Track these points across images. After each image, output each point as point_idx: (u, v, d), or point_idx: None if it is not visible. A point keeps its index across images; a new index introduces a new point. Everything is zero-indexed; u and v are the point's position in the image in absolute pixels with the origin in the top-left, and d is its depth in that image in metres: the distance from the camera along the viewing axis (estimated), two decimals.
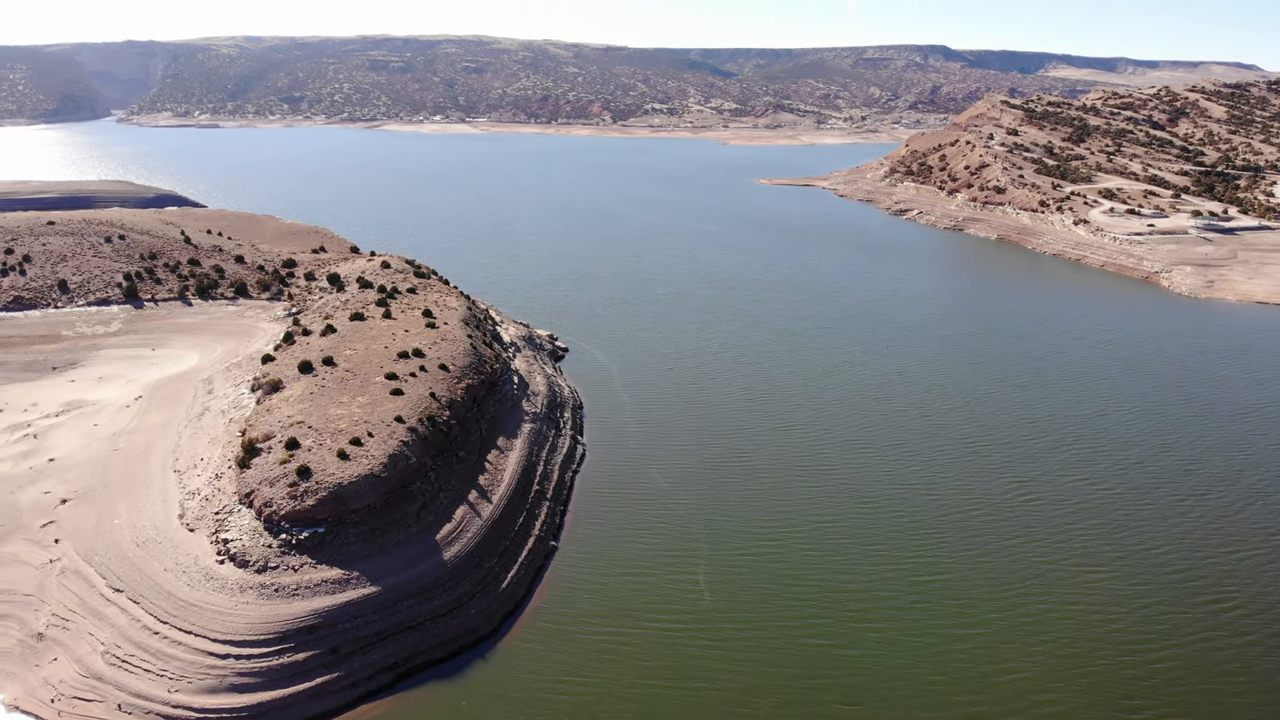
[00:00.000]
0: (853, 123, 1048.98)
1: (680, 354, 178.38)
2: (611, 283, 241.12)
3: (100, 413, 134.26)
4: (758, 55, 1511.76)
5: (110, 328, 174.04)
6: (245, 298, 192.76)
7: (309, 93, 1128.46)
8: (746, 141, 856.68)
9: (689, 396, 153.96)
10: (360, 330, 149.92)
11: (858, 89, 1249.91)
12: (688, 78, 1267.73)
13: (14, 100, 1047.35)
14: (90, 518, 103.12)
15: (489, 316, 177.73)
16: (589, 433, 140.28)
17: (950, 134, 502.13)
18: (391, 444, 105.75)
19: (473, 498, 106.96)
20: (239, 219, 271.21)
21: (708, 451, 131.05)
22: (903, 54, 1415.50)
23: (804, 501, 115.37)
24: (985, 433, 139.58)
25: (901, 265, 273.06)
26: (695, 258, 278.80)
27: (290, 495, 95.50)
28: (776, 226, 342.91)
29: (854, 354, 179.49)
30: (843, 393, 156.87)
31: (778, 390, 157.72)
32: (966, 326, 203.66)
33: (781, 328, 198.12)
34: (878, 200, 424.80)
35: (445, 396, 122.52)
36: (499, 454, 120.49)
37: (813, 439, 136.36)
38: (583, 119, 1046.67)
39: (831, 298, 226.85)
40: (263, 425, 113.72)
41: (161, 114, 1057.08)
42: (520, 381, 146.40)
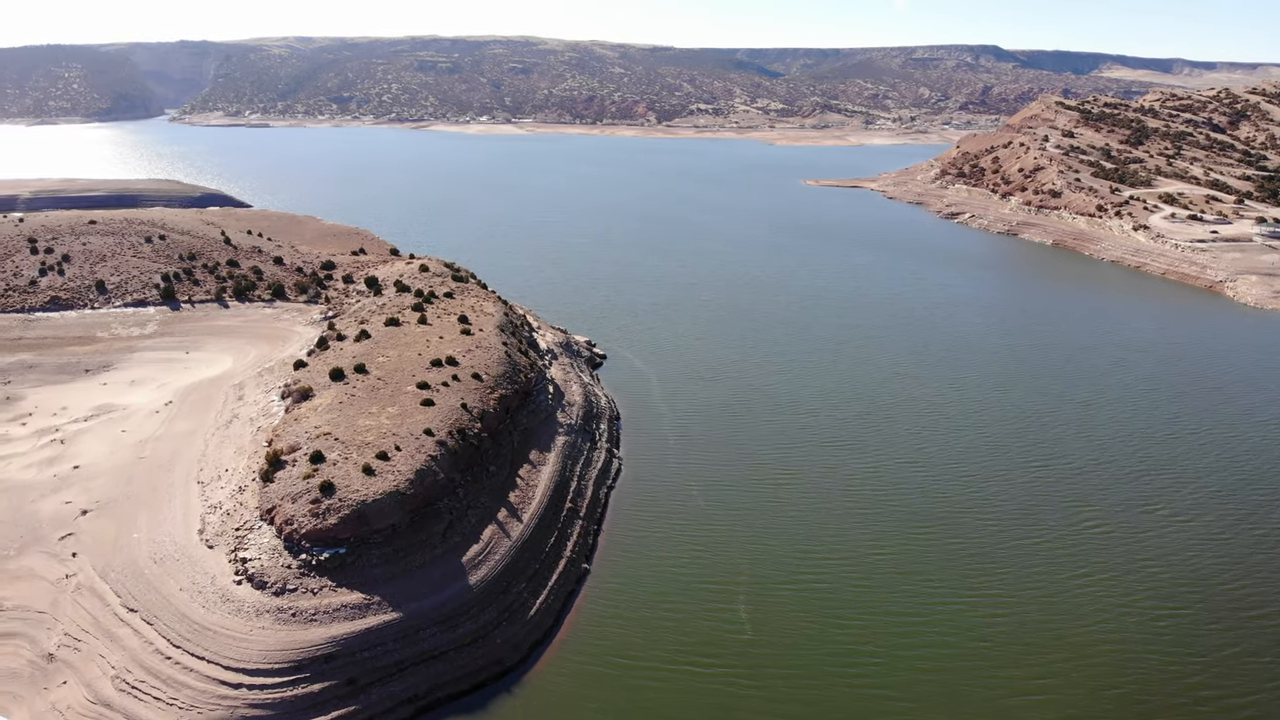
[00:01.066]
0: (901, 123, 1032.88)
1: (723, 363, 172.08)
2: (653, 287, 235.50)
3: (129, 418, 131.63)
4: (805, 55, 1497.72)
5: (146, 329, 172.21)
6: (282, 300, 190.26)
7: (358, 93, 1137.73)
8: (793, 142, 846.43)
9: (731, 409, 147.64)
10: (394, 336, 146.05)
11: (907, 89, 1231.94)
12: (734, 78, 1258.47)
13: (69, 99, 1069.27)
14: (110, 531, 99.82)
15: (526, 322, 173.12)
16: (625, 446, 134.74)
17: (1003, 135, 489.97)
18: (419, 459, 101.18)
19: (502, 516, 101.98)
20: (280, 220, 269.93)
21: (750, 469, 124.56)
22: (953, 54, 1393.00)
23: (854, 529, 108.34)
24: (1048, 456, 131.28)
25: (954, 271, 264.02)
26: (740, 261, 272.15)
27: (312, 513, 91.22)
28: (824, 229, 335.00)
29: (906, 365, 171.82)
30: (895, 407, 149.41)
31: (826, 404, 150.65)
32: (1024, 337, 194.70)
33: (830, 336, 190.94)
34: (928, 203, 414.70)
35: (477, 408, 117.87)
36: (531, 469, 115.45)
37: (863, 458, 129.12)
38: (627, 120, 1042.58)
39: (882, 305, 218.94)
40: (289, 436, 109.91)
41: (213, 113, 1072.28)
42: (555, 391, 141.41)
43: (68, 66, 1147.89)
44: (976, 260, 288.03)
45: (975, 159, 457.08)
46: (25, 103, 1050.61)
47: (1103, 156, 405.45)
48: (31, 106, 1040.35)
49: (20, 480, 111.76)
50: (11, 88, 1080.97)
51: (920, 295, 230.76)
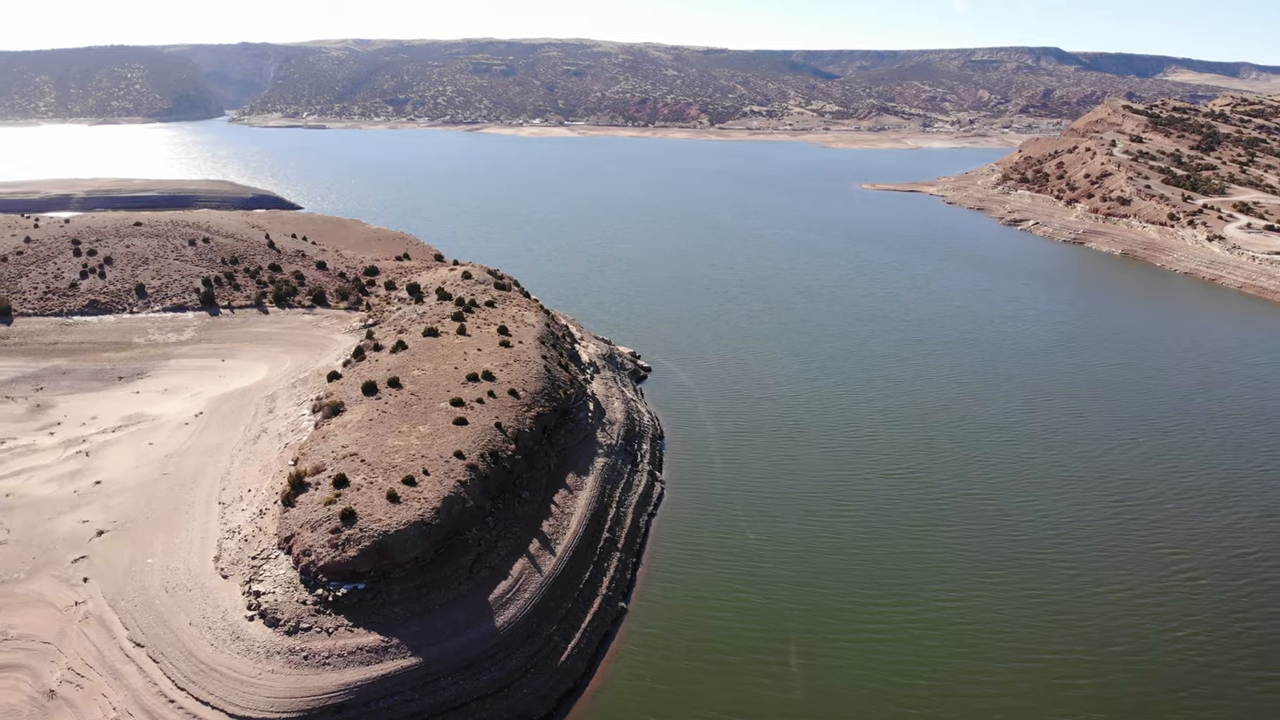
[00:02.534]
0: (960, 126, 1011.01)
1: (774, 379, 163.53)
2: (702, 295, 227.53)
3: (157, 430, 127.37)
4: (861, 57, 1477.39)
5: (183, 335, 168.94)
6: (323, 306, 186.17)
7: (413, 95, 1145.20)
8: (848, 145, 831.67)
9: (782, 430, 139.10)
10: (432, 347, 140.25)
11: (965, 91, 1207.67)
12: (788, 80, 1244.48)
13: (131, 99, 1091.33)
14: (124, 554, 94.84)
15: (568, 333, 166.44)
16: (668, 469, 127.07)
17: (1068, 140, 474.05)
18: (448, 484, 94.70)
19: (534, 548, 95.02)
20: (325, 223, 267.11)
21: (802, 499, 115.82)
22: (1013, 56, 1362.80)
23: (919, 572, 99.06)
24: (1129, 489, 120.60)
25: (1020, 282, 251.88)
26: (794, 269, 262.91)
27: (331, 543, 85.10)
28: (881, 235, 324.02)
29: (972, 385, 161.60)
30: (960, 432, 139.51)
31: (886, 427, 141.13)
32: (1096, 356, 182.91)
33: (889, 352, 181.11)
34: (990, 209, 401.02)
35: (512, 427, 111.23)
36: (567, 494, 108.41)
37: (927, 489, 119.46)
38: (679, 122, 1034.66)
39: (945, 318, 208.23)
40: (315, 455, 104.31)
41: (271, 114, 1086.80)
42: (596, 408, 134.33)
43: (130, 67, 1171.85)
44: (1042, 270, 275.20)
45: (1038, 164, 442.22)
46: (88, 102, 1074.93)
47: (1173, 163, 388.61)
48: (94, 106, 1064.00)
49: (40, 496, 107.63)
50: (75, 87, 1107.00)
51: (985, 308, 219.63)
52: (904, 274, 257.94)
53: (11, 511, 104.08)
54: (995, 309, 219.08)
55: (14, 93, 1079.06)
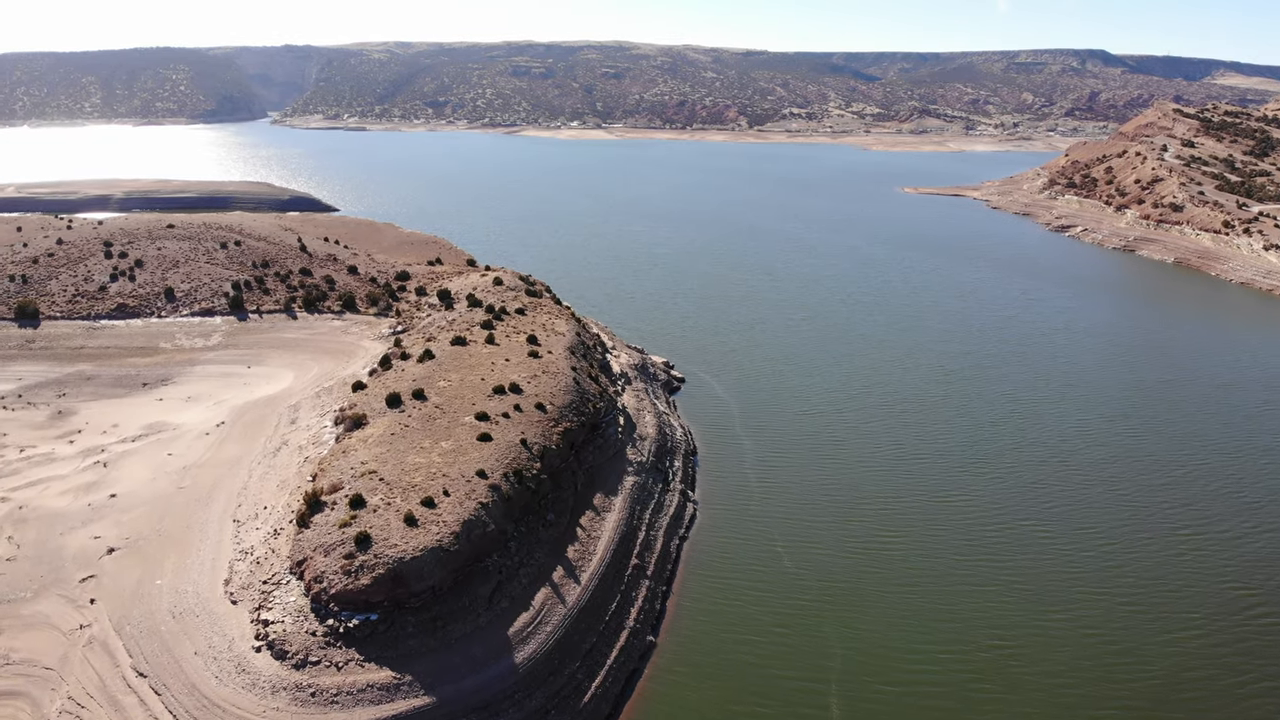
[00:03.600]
0: (1004, 129, 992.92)
1: (814, 392, 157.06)
2: (740, 303, 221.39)
3: (177, 440, 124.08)
4: (903, 59, 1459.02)
5: (210, 341, 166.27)
6: (352, 312, 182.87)
7: (453, 97, 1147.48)
8: (889, 147, 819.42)
9: (822, 448, 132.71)
10: (459, 357, 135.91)
11: (1009, 94, 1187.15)
12: (828, 81, 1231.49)
13: (175, 100, 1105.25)
14: (133, 574, 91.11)
15: (599, 342, 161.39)
16: (702, 487, 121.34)
17: (1116, 144, 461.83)
18: (468, 506, 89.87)
19: (558, 576, 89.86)
20: (359, 226, 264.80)
21: (844, 524, 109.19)
22: (1058, 58, 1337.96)
23: (970, 608, 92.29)
24: (1195, 520, 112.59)
25: (1070, 291, 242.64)
26: (834, 275, 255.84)
27: (344, 570, 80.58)
28: (924, 241, 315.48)
29: (1023, 401, 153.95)
30: (1012, 454, 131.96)
31: (933, 447, 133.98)
32: (1154, 371, 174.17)
33: (935, 365, 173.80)
34: (1036, 214, 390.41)
35: (538, 444, 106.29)
36: (594, 516, 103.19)
37: (978, 517, 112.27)
38: (718, 124, 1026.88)
39: (993, 329, 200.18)
40: (333, 472, 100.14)
41: (313, 116, 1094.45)
42: (627, 422, 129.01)
43: (175, 69, 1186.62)
44: (1092, 279, 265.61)
45: (1086, 168, 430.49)
46: (134, 103, 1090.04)
47: (1226, 169, 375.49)
48: (139, 107, 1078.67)
49: (53, 509, 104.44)
50: (121, 88, 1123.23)
51: (1034, 319, 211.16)
52: (949, 281, 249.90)
53: (24, 525, 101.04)
54: (1045, 319, 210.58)
55: (61, 94, 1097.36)
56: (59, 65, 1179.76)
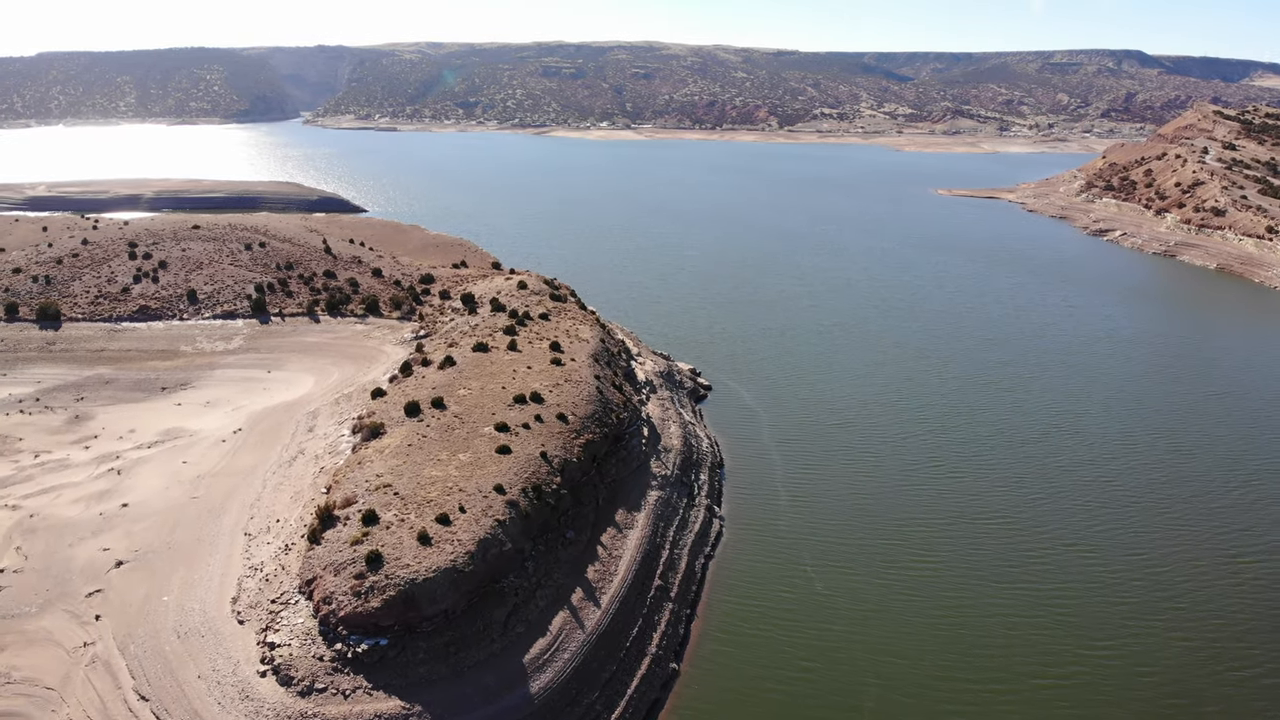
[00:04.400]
0: (1039, 130, 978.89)
1: (846, 402, 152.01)
2: (769, 308, 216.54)
3: (193, 447, 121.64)
4: (935, 59, 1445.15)
5: (231, 344, 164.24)
6: (375, 316, 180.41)
7: (483, 98, 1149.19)
8: (922, 148, 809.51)
9: (855, 462, 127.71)
10: (480, 364, 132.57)
11: (1044, 95, 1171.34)
12: (860, 82, 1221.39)
13: (209, 100, 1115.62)
14: (140, 590, 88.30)
15: (624, 349, 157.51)
16: (728, 503, 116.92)
17: (1155, 146, 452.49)
18: (485, 524, 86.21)
19: (577, 599, 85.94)
20: (384, 228, 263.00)
21: (879, 546, 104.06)
22: (1093, 59, 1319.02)
23: (1012, 638, 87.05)
24: (1249, 544, 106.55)
25: (1110, 298, 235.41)
26: (867, 280, 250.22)
27: (354, 591, 77.17)
28: (959, 244, 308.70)
29: (1064, 415, 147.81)
30: (1055, 470, 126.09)
31: (972, 462, 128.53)
32: (1201, 383, 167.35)
33: (972, 375, 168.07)
34: (1073, 217, 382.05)
35: (559, 457, 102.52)
36: (616, 534, 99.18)
37: (1020, 539, 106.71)
38: (748, 124, 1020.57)
39: (1031, 338, 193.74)
40: (348, 484, 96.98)
41: (344, 116, 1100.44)
42: (651, 433, 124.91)
43: (210, 69, 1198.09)
44: (1132, 285, 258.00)
45: (1124, 171, 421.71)
46: (168, 103, 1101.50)
47: (1269, 172, 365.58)
48: (174, 107, 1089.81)
49: (64, 518, 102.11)
50: (156, 88, 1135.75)
51: (1075, 327, 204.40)
52: (986, 286, 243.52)
53: (33, 535, 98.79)
54: (1085, 328, 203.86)
55: (96, 93, 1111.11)
56: (95, 64, 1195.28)
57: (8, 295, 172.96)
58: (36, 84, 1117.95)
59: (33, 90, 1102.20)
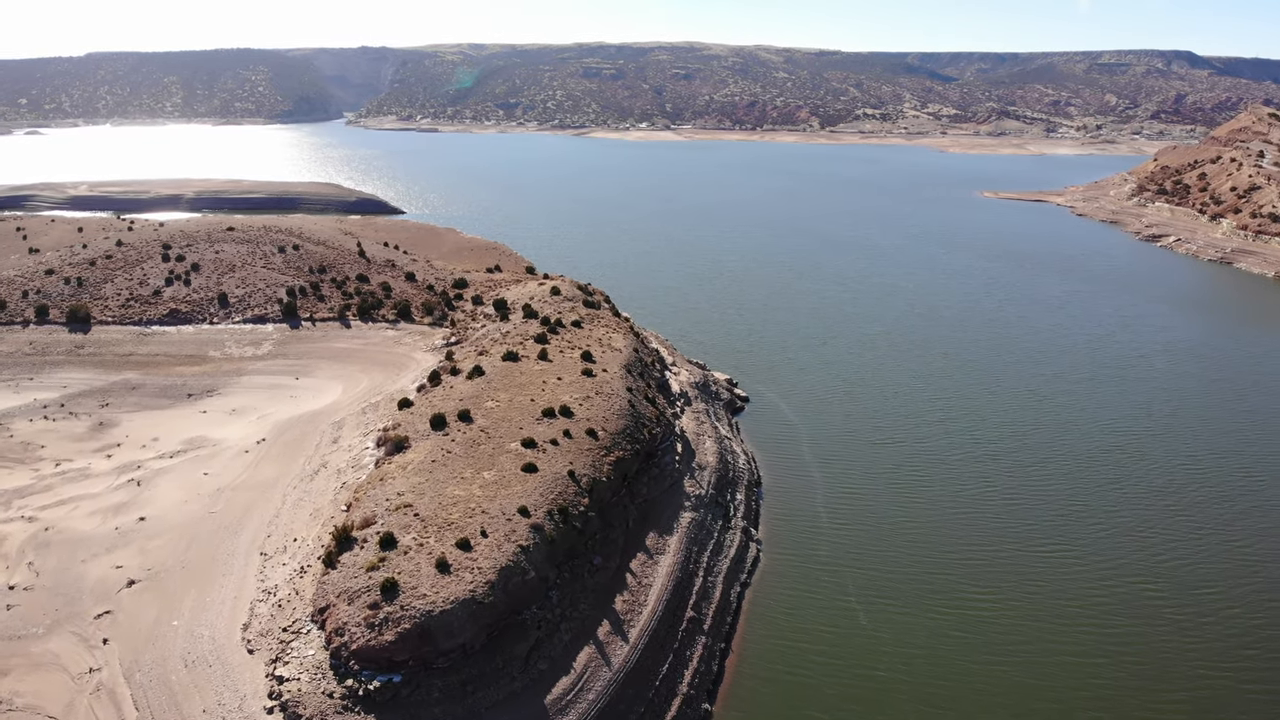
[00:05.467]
0: (1087, 132, 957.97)
1: (891, 417, 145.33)
2: (810, 315, 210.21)
3: (215, 457, 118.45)
4: (980, 59, 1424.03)
5: (260, 349, 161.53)
6: (407, 321, 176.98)
7: (524, 99, 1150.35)
8: (966, 149, 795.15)
9: (901, 483, 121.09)
10: (510, 374, 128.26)
11: (1091, 96, 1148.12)
12: (903, 82, 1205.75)
13: (254, 100, 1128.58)
14: (150, 612, 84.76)
15: (658, 358, 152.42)
16: (766, 525, 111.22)
17: (1208, 149, 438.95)
18: (507, 550, 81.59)
19: (603, 632, 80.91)
20: (419, 231, 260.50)
21: (928, 577, 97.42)
22: (1142, 59, 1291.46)
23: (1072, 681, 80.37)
24: None
25: (1166, 307, 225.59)
26: (912, 286, 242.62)
27: (367, 622, 72.90)
28: (1007, 250, 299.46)
29: (1124, 433, 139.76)
30: (1116, 495, 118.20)
31: (1025, 484, 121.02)
32: (1267, 399, 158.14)
33: (1024, 389, 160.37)
34: (1124, 222, 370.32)
35: (587, 476, 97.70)
36: (646, 559, 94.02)
37: (1078, 570, 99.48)
38: (789, 125, 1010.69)
39: (1085, 350, 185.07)
40: (368, 502, 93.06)
41: (386, 117, 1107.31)
42: (685, 449, 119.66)
43: (255, 70, 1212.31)
44: (1190, 294, 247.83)
45: (1177, 174, 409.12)
46: (214, 103, 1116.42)
47: None
48: (219, 107, 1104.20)
49: (79, 532, 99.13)
50: (202, 89, 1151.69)
51: (1130, 338, 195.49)
52: (1036, 294, 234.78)
53: (47, 549, 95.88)
54: (1142, 339, 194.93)
55: (144, 93, 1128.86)
56: (142, 65, 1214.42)
57: (39, 297, 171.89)
58: (85, 83, 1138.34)
59: (81, 90, 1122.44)
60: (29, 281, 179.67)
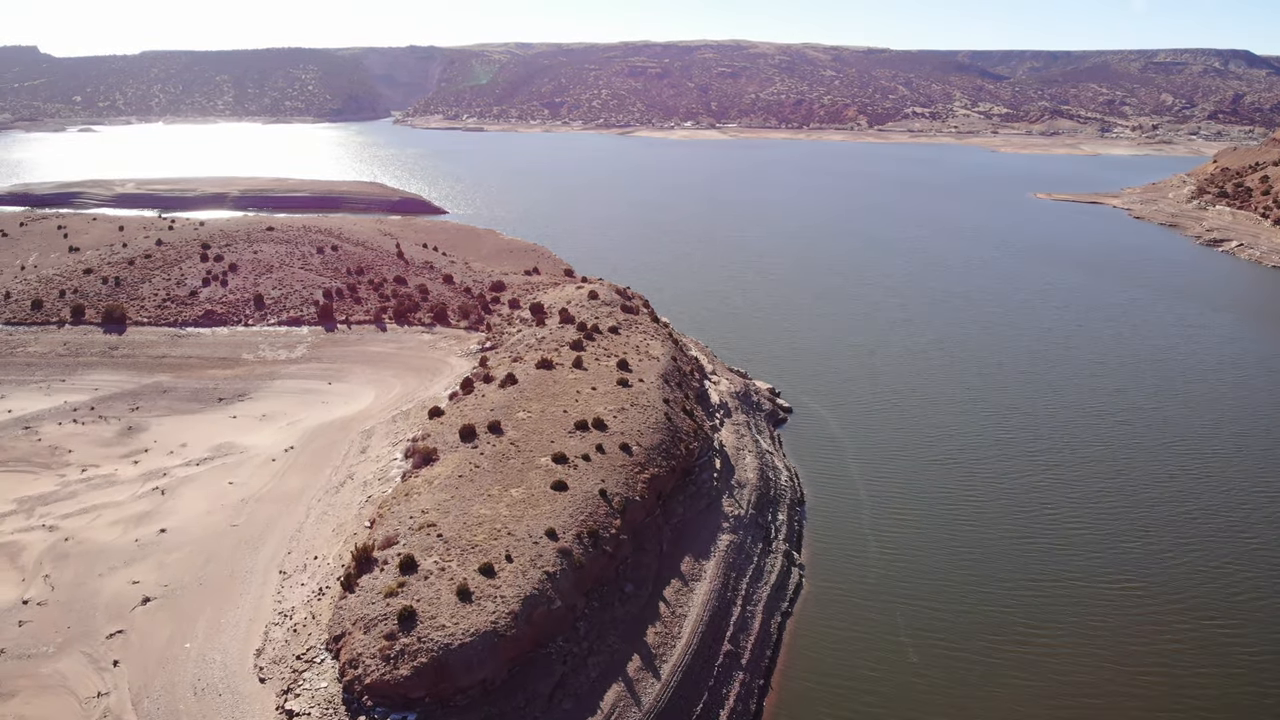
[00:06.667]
0: (1142, 132, 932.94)
1: (945, 434, 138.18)
2: (858, 321, 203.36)
3: (242, 465, 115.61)
4: (1032, 57, 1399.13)
5: (294, 353, 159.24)
6: (443, 325, 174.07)
7: (569, 98, 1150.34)
8: (1019, 149, 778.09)
9: (956, 508, 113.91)
10: (543, 383, 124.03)
11: (1147, 95, 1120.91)
12: (954, 80, 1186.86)
13: (303, 99, 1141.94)
14: (163, 633, 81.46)
15: (697, 366, 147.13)
16: (809, 548, 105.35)
17: (1270, 150, 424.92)
18: (532, 576, 77.00)
19: (634, 668, 75.88)
20: (458, 232, 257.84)
21: (985, 611, 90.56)
22: (1198, 58, 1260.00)
23: None
24: None
25: (1232, 317, 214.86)
26: (966, 292, 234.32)
27: (383, 654, 68.73)
28: (1064, 254, 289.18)
29: (1192, 455, 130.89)
30: (1187, 525, 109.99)
31: (1090, 510, 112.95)
32: None
33: (1085, 403, 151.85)
34: (1184, 226, 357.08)
35: (619, 495, 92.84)
36: (680, 586, 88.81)
37: (1148, 608, 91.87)
38: (836, 123, 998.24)
39: (1149, 363, 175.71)
40: (391, 520, 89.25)
41: (433, 116, 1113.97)
42: (724, 466, 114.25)
43: (305, 69, 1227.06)
44: (1256, 303, 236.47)
45: (1238, 176, 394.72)
46: (264, 102, 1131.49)
47: None
48: (269, 106, 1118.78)
49: (99, 543, 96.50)
50: (253, 87, 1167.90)
51: (1196, 350, 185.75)
52: (1094, 302, 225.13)
53: (65, 560, 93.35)
54: (1209, 352, 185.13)
55: (196, 92, 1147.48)
56: (195, 64, 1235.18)
57: (76, 297, 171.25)
58: (138, 81, 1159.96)
59: (135, 88, 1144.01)
60: (67, 281, 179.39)
